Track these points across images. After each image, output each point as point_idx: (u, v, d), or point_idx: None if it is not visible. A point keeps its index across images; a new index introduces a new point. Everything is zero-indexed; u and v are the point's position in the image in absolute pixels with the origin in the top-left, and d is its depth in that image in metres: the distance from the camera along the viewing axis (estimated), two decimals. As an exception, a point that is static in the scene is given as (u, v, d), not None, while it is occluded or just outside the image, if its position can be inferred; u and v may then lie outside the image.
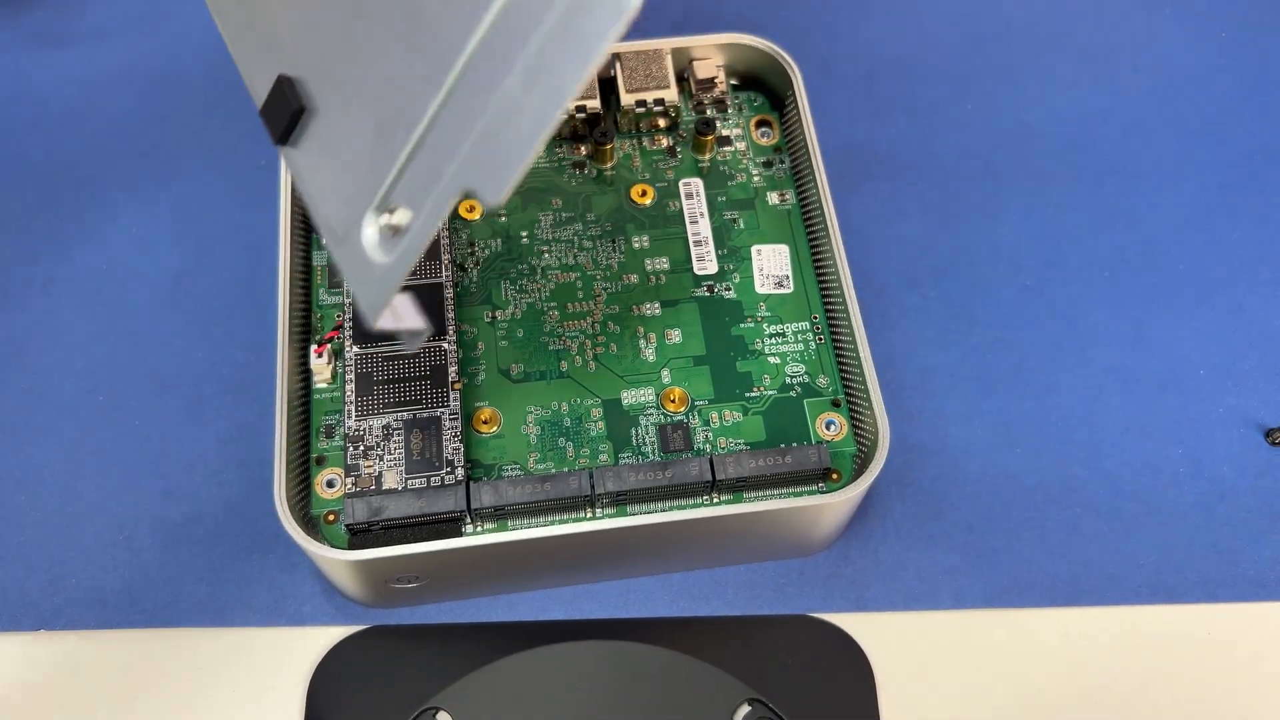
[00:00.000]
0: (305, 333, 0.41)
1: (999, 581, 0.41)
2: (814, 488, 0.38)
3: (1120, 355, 0.46)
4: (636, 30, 0.53)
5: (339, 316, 0.40)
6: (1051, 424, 0.44)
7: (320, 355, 0.40)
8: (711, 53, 0.46)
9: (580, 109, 0.44)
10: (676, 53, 0.46)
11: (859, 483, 0.37)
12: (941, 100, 0.52)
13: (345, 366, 0.39)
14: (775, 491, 0.38)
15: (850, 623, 0.40)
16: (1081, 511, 0.42)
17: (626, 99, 0.45)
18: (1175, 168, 0.50)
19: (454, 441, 0.38)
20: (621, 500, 0.38)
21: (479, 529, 0.37)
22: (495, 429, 0.39)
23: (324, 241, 0.32)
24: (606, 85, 0.46)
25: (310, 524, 0.37)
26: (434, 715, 0.38)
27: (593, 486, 0.37)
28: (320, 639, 0.40)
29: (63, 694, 0.38)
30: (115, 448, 0.42)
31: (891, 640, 0.40)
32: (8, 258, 0.46)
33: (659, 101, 0.45)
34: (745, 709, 0.39)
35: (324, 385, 0.40)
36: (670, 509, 0.37)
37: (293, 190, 0.42)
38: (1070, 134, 0.50)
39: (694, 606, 0.41)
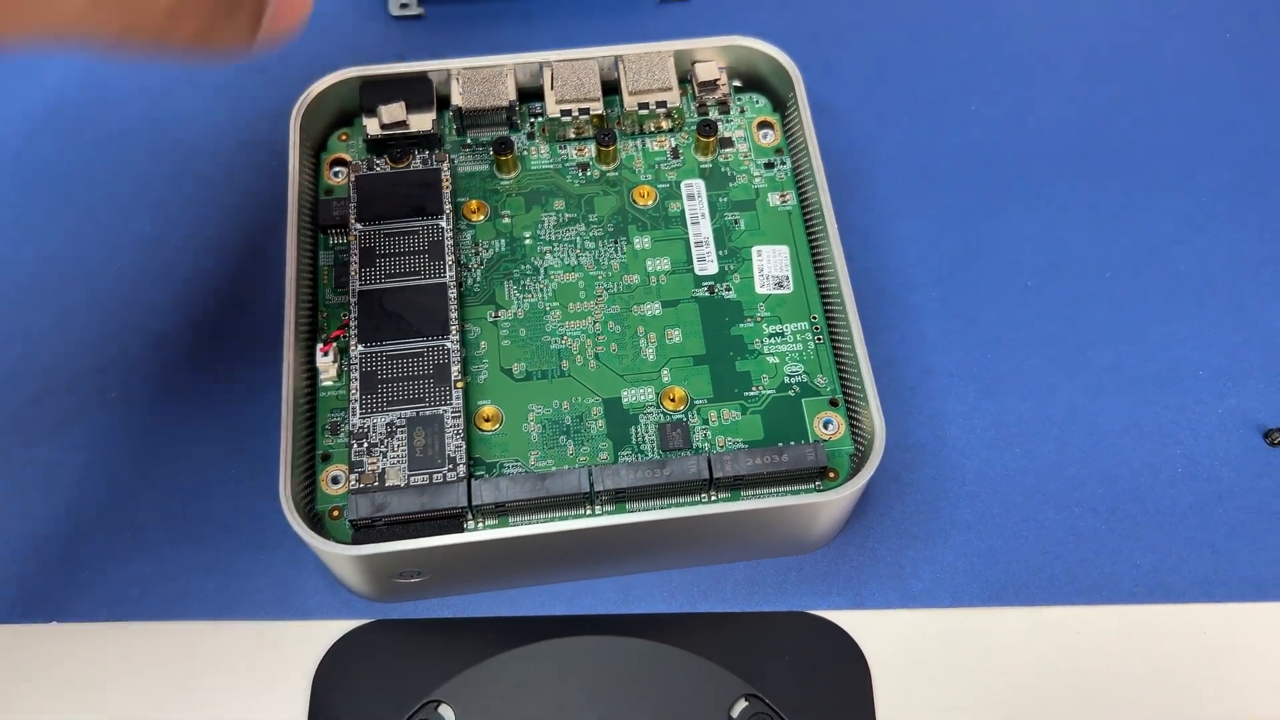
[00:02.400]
0: (311, 331, 0.42)
1: (996, 580, 0.42)
2: (811, 486, 0.39)
3: (1120, 355, 0.46)
4: (640, 33, 0.54)
5: (344, 315, 0.42)
6: (1051, 424, 0.44)
7: (326, 354, 0.40)
8: (714, 55, 0.47)
9: (584, 111, 0.46)
10: (679, 55, 0.47)
11: (854, 481, 0.38)
12: (944, 100, 0.52)
13: (350, 365, 0.40)
14: (772, 490, 0.39)
15: (848, 619, 0.41)
16: (1079, 511, 0.42)
17: (629, 101, 0.46)
18: (1178, 168, 0.51)
19: (456, 439, 0.39)
20: (620, 498, 0.38)
21: (480, 525, 0.38)
22: (497, 427, 0.40)
23: None
24: (610, 87, 0.47)
25: (315, 520, 0.38)
26: (436, 708, 0.39)
27: (591, 484, 0.38)
28: (325, 632, 0.40)
29: (74, 684, 0.39)
30: (126, 444, 0.43)
31: (888, 637, 0.41)
32: (25, 257, 0.47)
33: (661, 103, 0.46)
34: (742, 704, 0.39)
35: (330, 383, 0.41)
36: (668, 506, 0.39)
37: (299, 192, 0.43)
38: (1073, 135, 0.50)
39: (693, 603, 0.41)
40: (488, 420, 0.40)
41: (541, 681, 0.40)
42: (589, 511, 0.39)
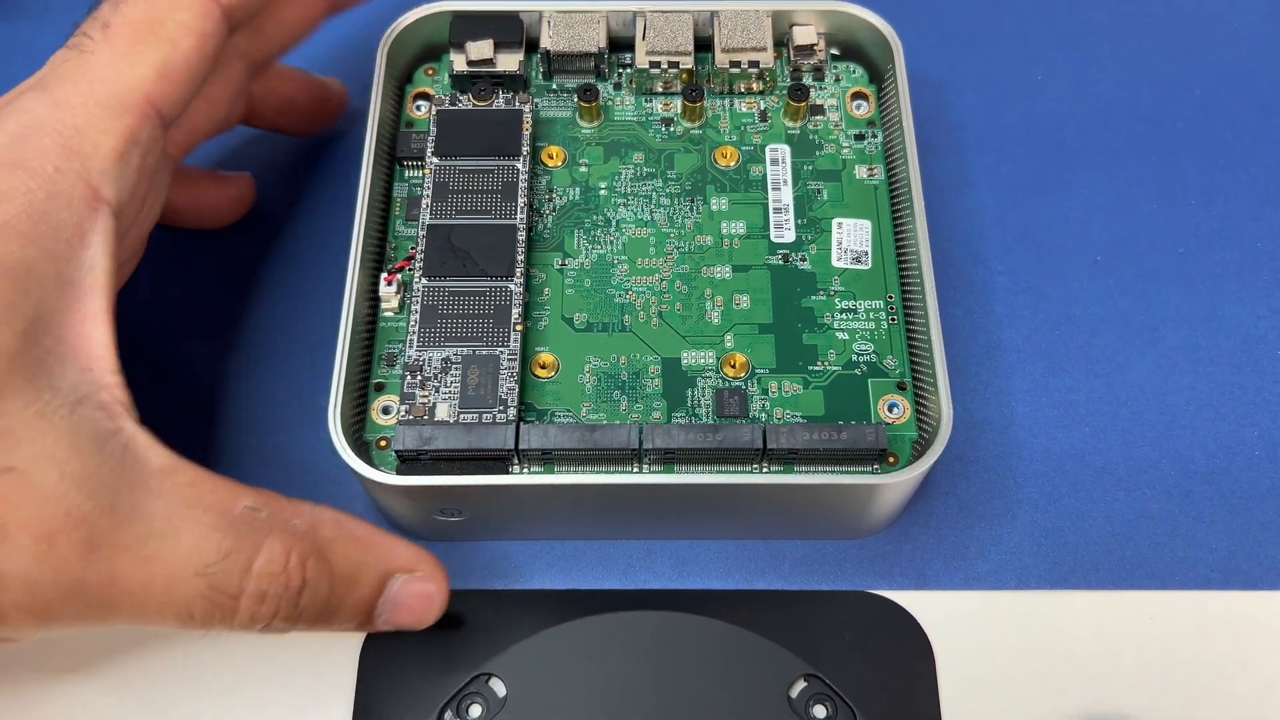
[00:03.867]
0: (378, 261, 0.40)
1: (1064, 562, 0.39)
2: (868, 468, 0.36)
3: (1193, 334, 0.43)
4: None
5: (412, 248, 0.39)
6: (1121, 403, 0.42)
7: (390, 284, 0.39)
8: (813, 19, 0.43)
9: (674, 64, 0.43)
10: (778, 16, 0.43)
11: (914, 466, 0.35)
12: (1009, 71, 0.49)
13: (412, 297, 0.38)
14: (827, 468, 0.36)
15: (911, 600, 0.38)
16: (1151, 493, 0.40)
17: (721, 58, 0.42)
18: (1252, 142, 0.47)
19: (509, 382, 0.36)
20: (670, 459, 0.36)
21: (525, 470, 0.36)
22: (552, 374, 0.38)
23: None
24: (702, 43, 0.44)
25: (362, 447, 0.37)
26: (487, 681, 0.37)
27: (641, 441, 0.35)
28: (372, 602, 0.39)
29: (113, 656, 0.38)
30: (169, 403, 0.42)
31: (953, 619, 0.38)
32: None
33: (754, 64, 0.42)
34: (801, 684, 0.37)
35: (390, 314, 0.39)
36: (717, 473, 0.36)
37: (379, 122, 0.41)
38: (1143, 107, 0.48)
39: (750, 579, 0.39)
40: (544, 367, 0.38)
41: (595, 657, 0.38)
42: (636, 469, 0.36)
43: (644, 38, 0.43)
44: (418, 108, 0.44)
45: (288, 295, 0.44)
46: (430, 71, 0.45)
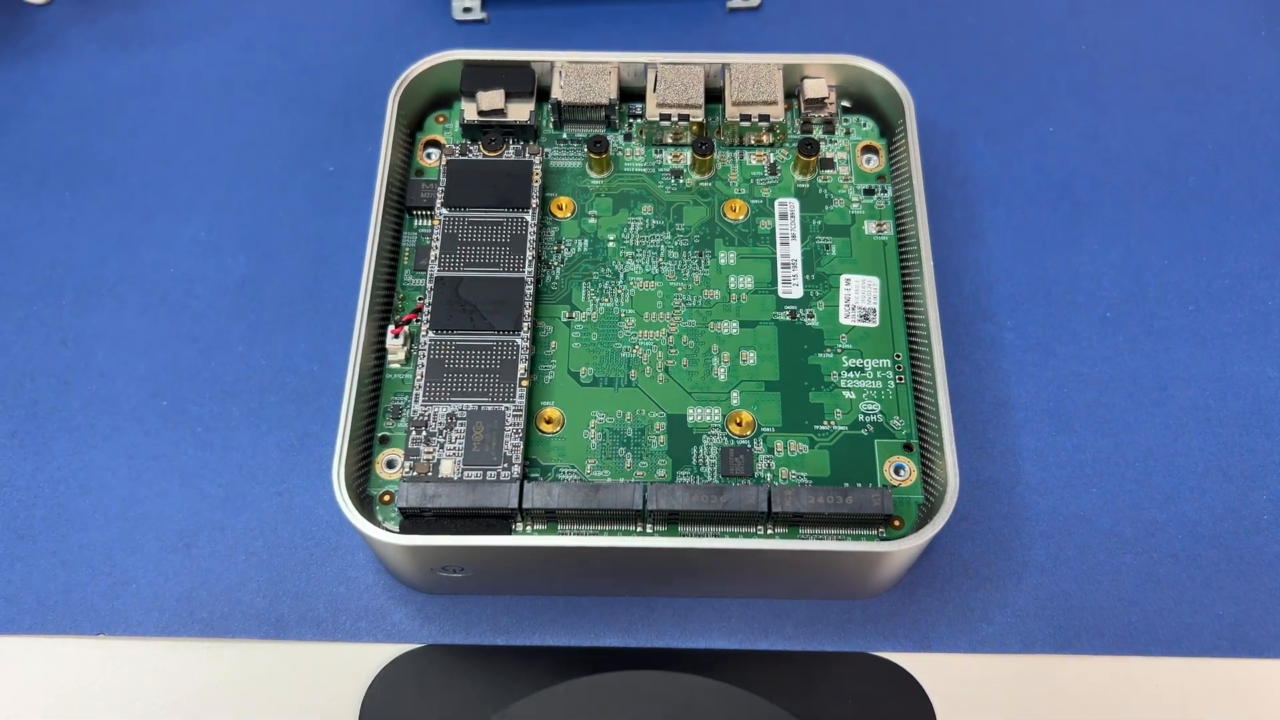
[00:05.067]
0: (385, 311, 0.39)
1: (1070, 626, 0.39)
2: (873, 533, 0.36)
3: (1203, 394, 0.42)
4: (750, 43, 0.52)
5: (420, 299, 0.39)
6: (1129, 464, 0.41)
7: (397, 336, 0.38)
8: (824, 72, 0.43)
9: (684, 116, 0.42)
10: (789, 69, 0.43)
11: (918, 535, 0.34)
12: (1021, 121, 0.49)
13: (419, 350, 0.37)
14: (832, 531, 0.36)
15: (914, 663, 0.38)
16: (1158, 557, 0.39)
17: (731, 111, 0.42)
18: (1265, 197, 0.47)
19: (514, 438, 0.36)
20: (673, 519, 0.36)
21: (529, 529, 0.36)
22: (558, 430, 0.38)
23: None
24: (713, 95, 0.43)
25: (366, 502, 0.36)
26: (486, 739, 0.37)
27: (645, 502, 0.35)
28: (376, 656, 0.38)
29: (120, 698, 0.38)
30: (177, 453, 0.41)
31: (956, 683, 0.38)
32: (79, 258, 0.45)
33: (765, 117, 0.42)
34: (803, 748, 0.37)
35: (397, 366, 0.39)
36: (721, 535, 0.35)
37: (389, 169, 0.40)
38: (1155, 159, 0.47)
39: (752, 639, 0.39)
40: (549, 422, 0.38)
41: (597, 715, 0.38)
42: (639, 529, 0.36)
43: (655, 89, 0.43)
44: (428, 155, 0.44)
45: (294, 343, 0.43)
46: (441, 119, 0.44)
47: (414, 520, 0.36)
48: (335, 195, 0.47)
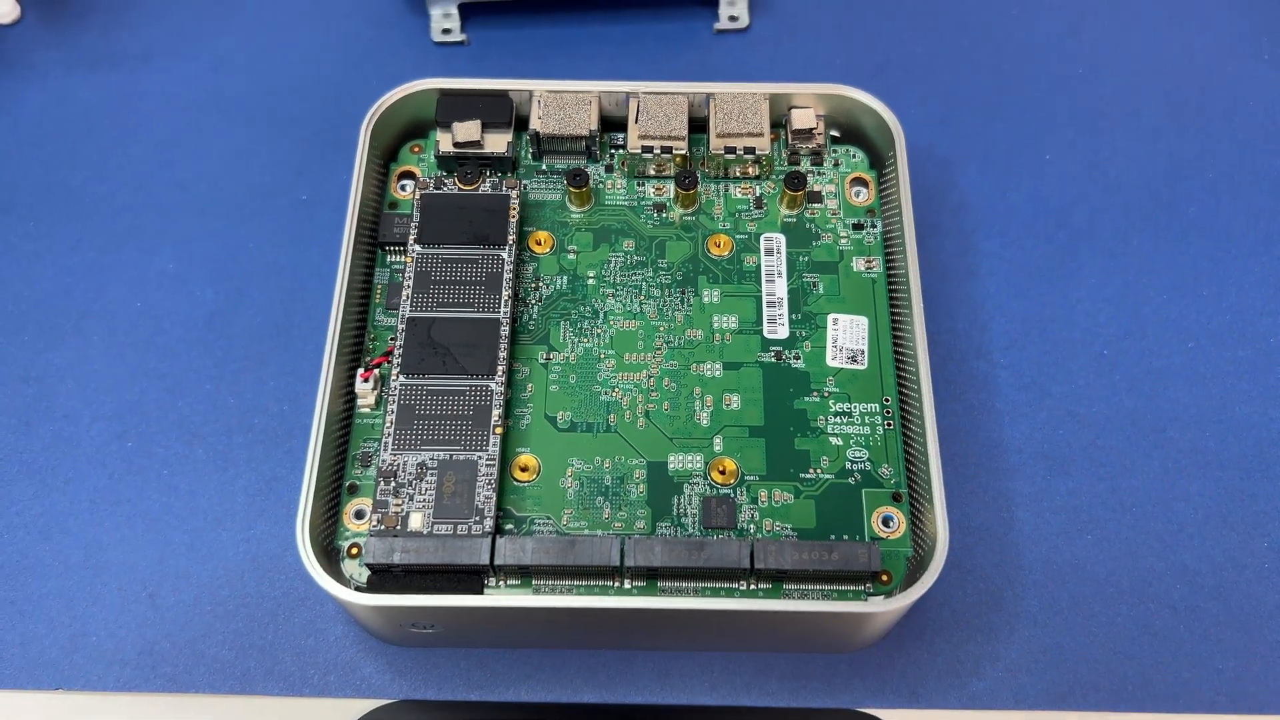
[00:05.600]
0: (355, 353, 0.38)
1: (1063, 681, 0.37)
2: (860, 589, 0.34)
3: (1203, 436, 0.41)
4: (738, 66, 0.51)
5: (391, 340, 0.37)
6: (1125, 509, 0.40)
7: (366, 380, 0.37)
8: (812, 102, 0.41)
9: (667, 149, 0.40)
10: (775, 99, 0.41)
11: (904, 595, 0.32)
12: (1016, 148, 0.47)
13: (389, 395, 0.36)
14: (818, 587, 0.34)
15: None
16: (1155, 608, 0.38)
17: (716, 143, 0.40)
18: (1269, 228, 0.45)
19: (487, 489, 0.34)
20: (653, 575, 0.34)
21: (502, 584, 0.34)
22: (533, 478, 0.36)
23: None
24: (697, 125, 0.41)
25: (332, 554, 0.35)
26: (459, 798, 0.36)
27: (623, 557, 0.33)
28: (346, 711, 0.36)
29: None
30: (142, 498, 0.39)
31: (945, 741, 0.37)
32: (42, 291, 0.44)
33: (750, 149, 0.40)
34: (786, 808, 0.35)
35: (367, 410, 0.37)
36: (702, 593, 0.34)
37: (360, 203, 0.39)
38: (1155, 189, 0.46)
39: (735, 694, 0.37)
40: (524, 470, 0.36)
41: (572, 773, 0.37)
42: (617, 585, 0.34)
43: (636, 120, 0.41)
44: (402, 187, 0.42)
45: (264, 381, 0.42)
46: (417, 149, 0.43)
47: (382, 575, 0.34)
48: (308, 226, 0.45)
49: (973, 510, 0.40)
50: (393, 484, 0.35)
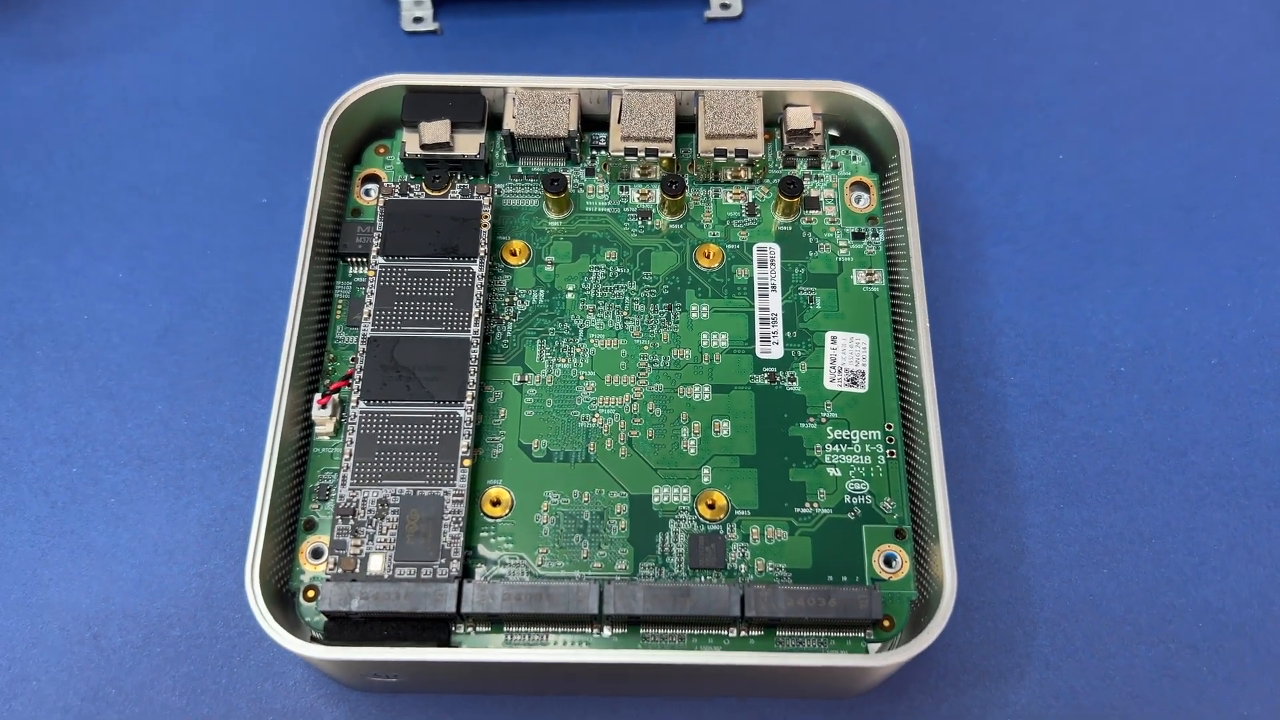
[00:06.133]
0: (314, 375, 0.35)
1: (1077, 727, 0.35)
2: (859, 636, 0.31)
3: (1227, 460, 0.38)
4: (729, 57, 0.47)
5: (352, 361, 0.34)
6: (1144, 540, 0.37)
7: (324, 406, 0.34)
8: (809, 99, 0.38)
9: (652, 151, 0.37)
10: (769, 96, 0.38)
11: (906, 648, 0.30)
12: (1026, 149, 0.44)
13: (349, 423, 0.33)
14: (814, 634, 0.31)
15: (904, 770, 0.34)
16: (1176, 648, 0.35)
17: (705, 145, 0.37)
18: None
19: (454, 528, 0.31)
20: (634, 622, 0.31)
21: (471, 631, 0.31)
22: (505, 513, 0.33)
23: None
24: (685, 124, 0.38)
25: (286, 598, 0.32)
26: None
27: (601, 605, 0.31)
28: (303, 761, 0.34)
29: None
30: (87, 529, 0.36)
31: (950, 793, 0.34)
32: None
33: (742, 152, 0.37)
34: None
35: (326, 438, 0.34)
36: (689, 640, 0.31)
37: (319, 209, 0.36)
38: (1176, 192, 0.43)
39: (725, 744, 0.35)
40: (495, 505, 0.33)
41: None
42: (596, 633, 0.31)
43: (619, 120, 0.38)
44: (366, 192, 0.39)
45: (219, 400, 0.39)
46: (382, 150, 0.39)
47: (340, 622, 0.31)
48: (268, 231, 0.42)
49: (980, 541, 0.37)
50: (351, 522, 0.32)
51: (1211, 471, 0.38)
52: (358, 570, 0.31)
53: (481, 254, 0.35)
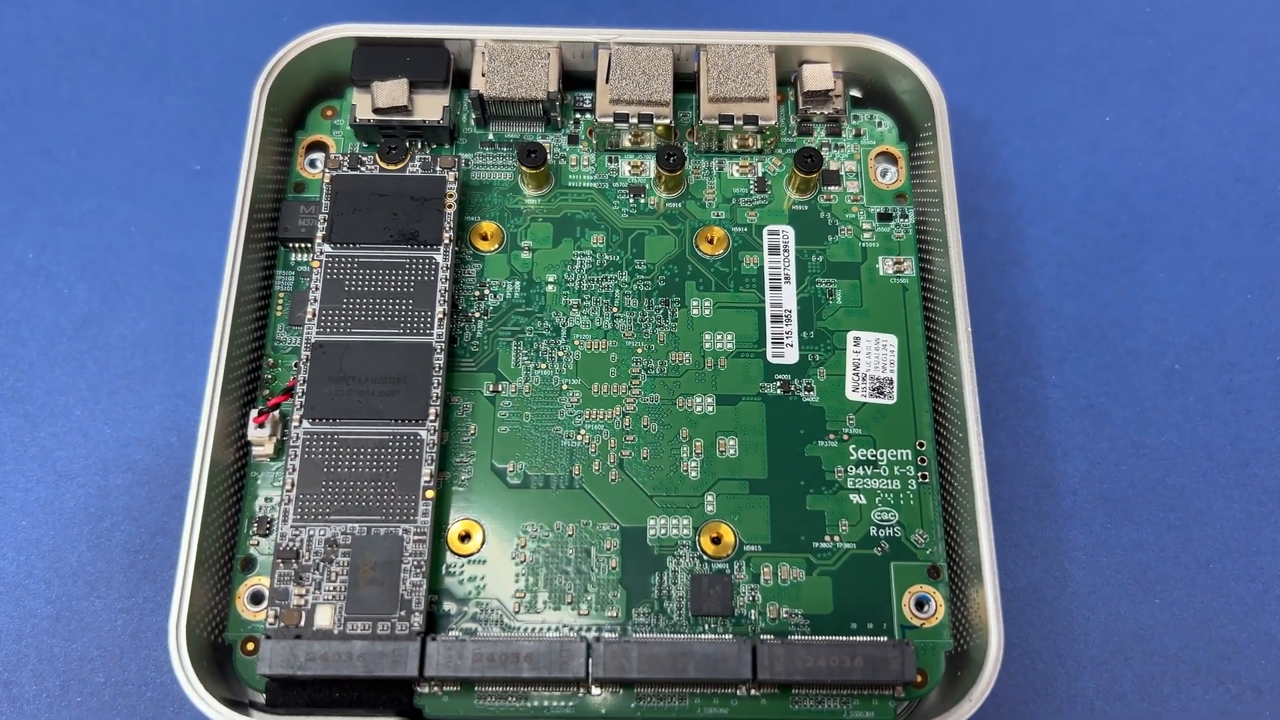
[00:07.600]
0: (252, 384, 0.29)
1: (1125, 780, 0.31)
2: (887, 694, 0.27)
3: None
4: (734, 11, 0.41)
5: (295, 369, 0.29)
6: (1201, 566, 0.32)
7: (262, 425, 0.29)
8: (828, 55, 0.32)
9: (647, 117, 0.32)
10: (783, 52, 0.32)
11: (947, 716, 0.26)
12: (1069, 110, 0.38)
13: (290, 447, 0.28)
14: (834, 693, 0.27)
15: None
16: (1237, 689, 0.31)
17: (708, 109, 0.31)
18: None
19: (415, 574, 0.27)
20: (628, 683, 0.27)
21: (436, 691, 0.27)
22: (476, 550, 0.28)
23: None
24: (685, 83, 0.32)
25: (222, 653, 0.27)
26: None
27: (589, 668, 0.26)
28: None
29: None
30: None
31: None
32: None
33: (752, 118, 0.32)
34: None
35: (266, 459, 0.29)
36: (689, 704, 0.27)
37: (254, 185, 0.30)
38: (1236, 161, 0.38)
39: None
40: (464, 540, 0.28)
41: None
42: (583, 694, 0.27)
43: (608, 80, 0.32)
44: (311, 163, 0.33)
45: (147, 404, 0.33)
46: (329, 113, 0.33)
47: (284, 685, 0.26)
48: (203, 205, 0.36)
49: (1018, 568, 0.32)
50: (294, 567, 0.27)
51: (1276, 486, 0.33)
52: (302, 625, 0.26)
53: (446, 240, 0.30)
